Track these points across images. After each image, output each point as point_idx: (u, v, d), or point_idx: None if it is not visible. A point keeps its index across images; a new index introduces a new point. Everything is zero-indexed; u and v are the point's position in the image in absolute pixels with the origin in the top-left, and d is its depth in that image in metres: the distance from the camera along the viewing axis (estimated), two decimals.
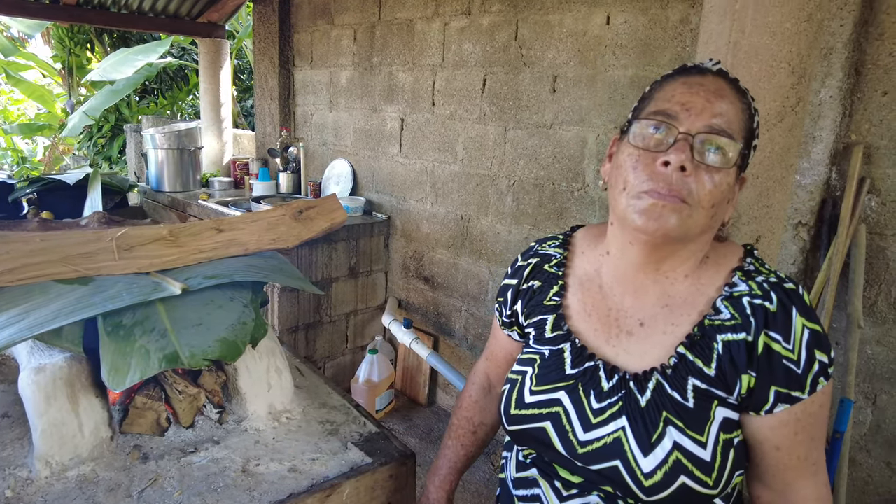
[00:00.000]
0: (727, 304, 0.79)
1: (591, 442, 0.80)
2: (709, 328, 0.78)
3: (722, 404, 0.78)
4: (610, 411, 0.80)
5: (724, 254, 0.84)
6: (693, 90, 0.76)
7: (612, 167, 0.84)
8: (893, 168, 1.67)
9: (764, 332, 0.75)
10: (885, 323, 1.74)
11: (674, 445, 0.75)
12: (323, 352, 3.14)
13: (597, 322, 0.87)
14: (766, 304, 0.76)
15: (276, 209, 1.39)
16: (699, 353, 0.78)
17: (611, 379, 0.82)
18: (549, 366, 0.88)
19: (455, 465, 1.13)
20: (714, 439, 0.76)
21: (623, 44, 2.15)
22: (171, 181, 3.73)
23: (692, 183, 0.73)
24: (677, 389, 0.78)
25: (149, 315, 1.15)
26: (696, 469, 0.75)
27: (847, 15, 1.61)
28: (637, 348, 0.83)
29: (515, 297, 0.99)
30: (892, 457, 1.77)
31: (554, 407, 0.84)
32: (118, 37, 6.45)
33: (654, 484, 0.76)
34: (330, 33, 3.43)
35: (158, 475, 1.16)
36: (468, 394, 1.15)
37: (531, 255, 0.99)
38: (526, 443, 0.90)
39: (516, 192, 2.60)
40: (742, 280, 0.80)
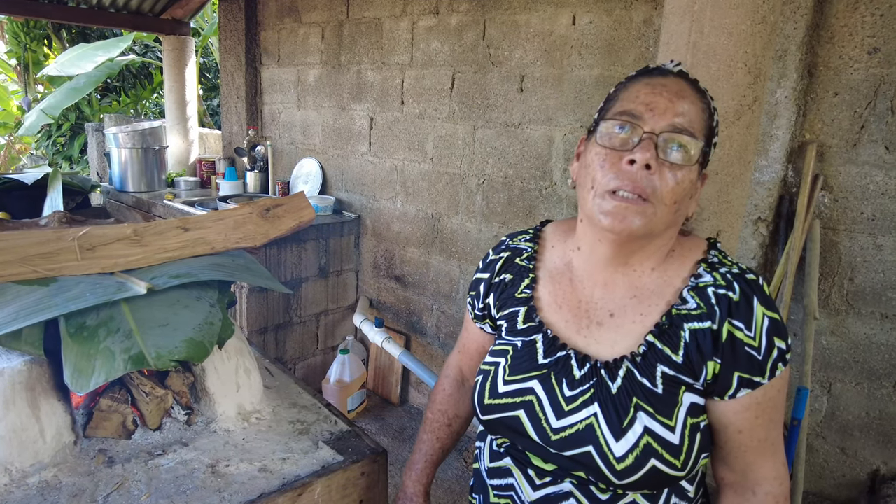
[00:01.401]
0: (693, 295, 0.82)
1: (563, 429, 0.83)
2: (676, 317, 0.82)
3: (689, 390, 0.81)
4: (582, 398, 0.83)
5: (689, 247, 0.88)
6: (656, 91, 0.79)
7: (580, 166, 0.87)
8: (844, 166, 1.74)
9: (728, 321, 0.79)
10: (838, 314, 1.82)
11: (644, 430, 0.78)
12: (293, 353, 3.11)
13: (567, 313, 0.90)
14: (729, 293, 0.80)
15: (242, 207, 1.37)
16: (667, 341, 0.81)
17: (582, 367, 0.85)
18: (521, 356, 0.90)
19: (431, 458, 1.15)
20: (682, 423, 0.79)
21: (588, 44, 2.19)
22: (135, 181, 3.65)
23: (656, 180, 0.76)
24: (647, 376, 0.81)
25: (113, 316, 1.13)
26: (665, 452, 0.78)
27: (800, 19, 1.67)
28: (608, 338, 0.86)
29: (487, 290, 1.01)
30: (846, 442, 1.85)
31: (527, 396, 0.86)
32: (77, 32, 6.26)
33: (626, 467, 0.78)
34: (297, 31, 3.40)
35: (125, 479, 1.13)
36: (442, 387, 1.16)
37: (502, 250, 1.01)
38: (500, 432, 0.91)
39: (486, 190, 2.62)
40: (707, 271, 0.83)
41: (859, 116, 1.70)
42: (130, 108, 6.75)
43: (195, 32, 6.25)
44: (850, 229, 1.77)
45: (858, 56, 1.67)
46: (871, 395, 1.79)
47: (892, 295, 1.72)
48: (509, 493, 0.94)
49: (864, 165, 1.71)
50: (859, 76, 1.68)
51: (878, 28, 1.63)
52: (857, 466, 1.84)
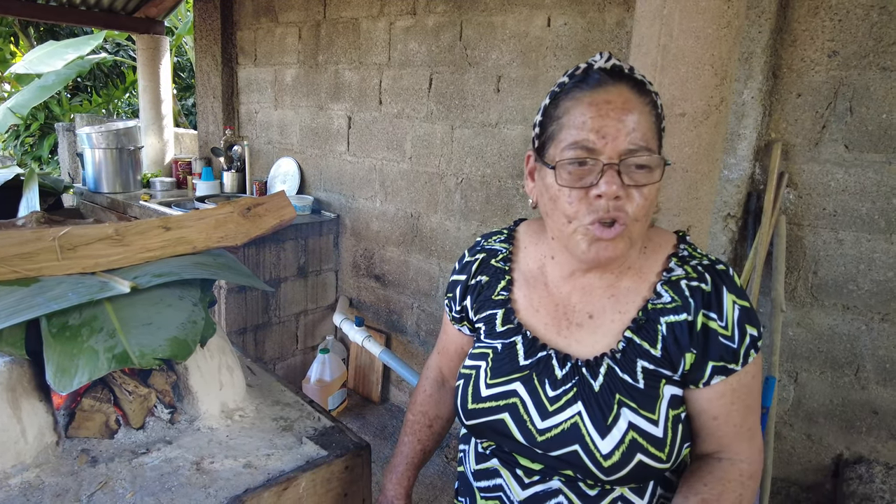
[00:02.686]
0: (667, 288, 0.83)
1: (549, 429, 0.83)
2: (652, 312, 0.83)
3: (669, 382, 0.82)
4: (565, 398, 0.83)
5: (659, 242, 0.89)
6: (602, 112, 0.76)
7: (539, 192, 0.85)
8: (808, 164, 1.81)
9: (702, 312, 0.81)
10: (804, 306, 1.89)
11: (629, 425, 0.79)
12: (272, 353, 3.11)
13: (546, 317, 0.91)
14: (702, 285, 0.82)
15: (223, 206, 1.38)
16: (645, 336, 0.83)
17: (563, 367, 0.85)
18: (502, 359, 0.90)
19: (412, 460, 1.14)
20: (665, 416, 0.81)
21: (563, 45, 2.24)
22: (109, 182, 3.60)
23: (626, 205, 0.77)
24: (627, 372, 0.82)
25: (96, 315, 1.13)
26: (650, 446, 0.79)
27: (764, 23, 1.74)
28: (588, 338, 0.87)
29: (464, 292, 1.01)
30: (812, 429, 1.93)
31: (511, 398, 0.87)
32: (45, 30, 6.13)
33: (613, 464, 0.79)
34: (274, 31, 3.39)
35: (109, 478, 1.14)
36: (422, 388, 1.16)
37: (478, 251, 1.02)
38: (485, 436, 0.91)
39: (464, 189, 2.66)
40: (678, 265, 0.85)
41: (820, 117, 1.77)
42: (102, 107, 6.63)
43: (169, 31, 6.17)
44: (813, 225, 1.84)
45: (819, 59, 1.75)
46: (834, 383, 1.87)
47: (853, 287, 1.80)
48: (497, 494, 0.94)
49: (825, 163, 1.79)
50: (820, 78, 1.75)
51: (836, 32, 1.71)
52: (822, 452, 1.92)
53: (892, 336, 1.76)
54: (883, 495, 1.72)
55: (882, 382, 1.80)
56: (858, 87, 1.71)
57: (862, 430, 1.85)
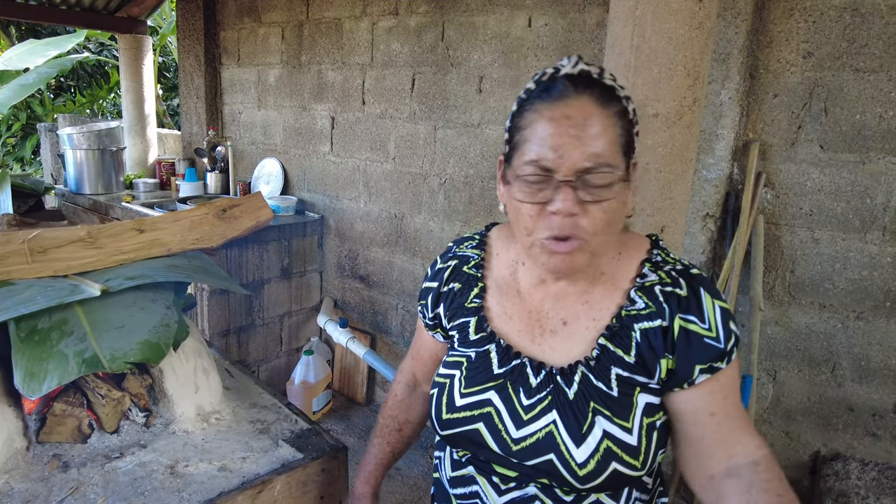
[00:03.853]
0: (641, 294, 0.83)
1: (524, 438, 0.83)
2: (626, 318, 0.83)
3: (644, 390, 0.82)
4: (540, 406, 0.83)
5: (632, 247, 0.89)
6: (561, 128, 0.74)
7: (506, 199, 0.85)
8: (784, 164, 1.83)
9: (678, 317, 0.80)
10: (781, 305, 1.91)
11: (603, 434, 0.79)
12: (256, 355, 3.09)
13: (519, 324, 0.90)
14: (676, 290, 0.81)
15: (199, 208, 1.37)
16: (619, 343, 0.82)
17: (538, 375, 0.85)
18: (476, 367, 0.90)
19: (381, 461, 1.14)
20: (639, 424, 0.80)
21: (544, 46, 2.25)
22: (91, 183, 3.56)
23: (583, 221, 0.76)
24: (602, 380, 0.82)
25: (67, 319, 1.12)
26: (625, 455, 0.79)
27: (740, 24, 1.76)
28: (562, 345, 0.86)
29: (437, 300, 1.00)
30: (790, 427, 1.95)
31: (485, 407, 0.86)
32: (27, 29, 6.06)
33: (588, 473, 0.79)
34: (257, 31, 3.38)
35: (80, 483, 1.13)
36: (394, 393, 1.16)
37: (449, 258, 1.01)
38: (460, 445, 0.91)
39: (447, 189, 2.66)
40: (652, 271, 0.85)
41: (796, 117, 1.79)
42: (87, 107, 6.56)
43: (153, 31, 6.13)
44: (790, 224, 1.86)
45: (794, 60, 1.76)
46: (811, 381, 1.89)
47: (829, 286, 1.82)
48: (474, 501, 0.93)
49: (801, 163, 1.81)
50: (796, 79, 1.77)
51: (811, 34, 1.72)
52: (800, 449, 1.94)
53: (866, 334, 1.79)
54: (858, 491, 1.74)
55: (857, 380, 1.82)
56: (832, 88, 1.73)
57: (838, 427, 1.87)
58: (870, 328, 1.78)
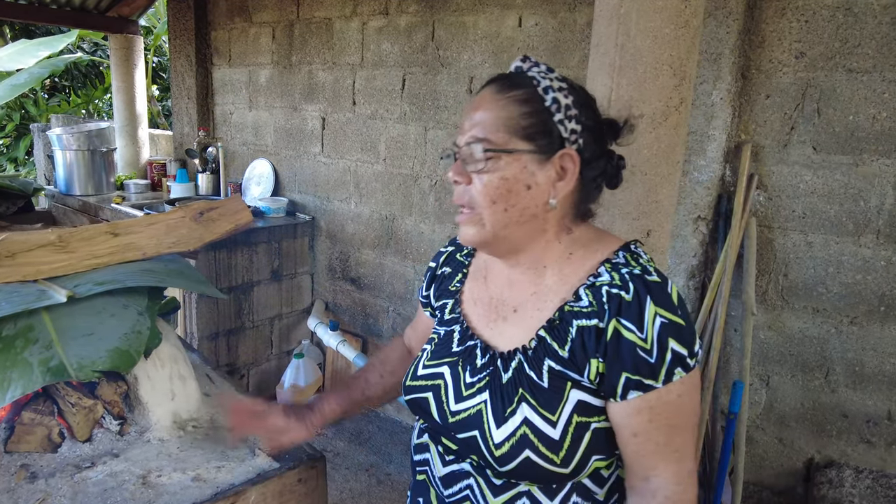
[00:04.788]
0: (588, 293, 0.82)
1: (458, 413, 0.88)
2: (567, 313, 0.83)
3: (577, 387, 0.81)
4: (478, 385, 0.88)
5: (596, 248, 0.87)
6: (467, 111, 0.87)
7: None
8: (777, 165, 1.80)
9: (615, 319, 0.78)
10: (774, 309, 1.88)
11: (523, 421, 0.81)
12: (246, 358, 3.06)
13: (481, 309, 0.96)
14: (622, 293, 0.79)
15: (175, 211, 1.34)
16: (556, 337, 0.83)
17: (484, 356, 0.90)
18: (441, 344, 0.97)
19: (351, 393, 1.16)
20: (566, 420, 0.80)
21: (535, 45, 2.22)
22: (81, 184, 3.53)
23: (470, 189, 0.84)
24: (534, 369, 0.84)
25: (33, 326, 1.09)
26: (541, 445, 0.80)
27: (732, 23, 1.72)
28: (509, 331, 0.90)
29: (431, 280, 1.09)
30: (783, 433, 1.91)
31: (437, 380, 0.93)
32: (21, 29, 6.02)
33: (503, 455, 0.81)
34: (248, 31, 3.35)
35: (48, 494, 1.09)
36: (393, 346, 1.25)
37: (451, 244, 1.10)
38: (416, 412, 0.98)
39: (438, 191, 2.63)
40: (607, 271, 0.83)
41: (789, 118, 1.76)
42: (82, 108, 6.53)
43: (147, 31, 6.09)
44: (783, 227, 1.83)
45: (787, 60, 1.73)
46: (805, 386, 1.86)
47: (822, 290, 1.79)
48: (425, 468, 1.00)
49: (794, 165, 1.78)
50: (788, 79, 1.74)
51: (803, 33, 1.69)
52: (793, 455, 1.91)
53: (860, 339, 1.76)
54: (853, 499, 1.71)
55: (851, 386, 1.79)
56: (825, 89, 1.70)
57: (832, 433, 1.84)
58: (864, 333, 1.75)
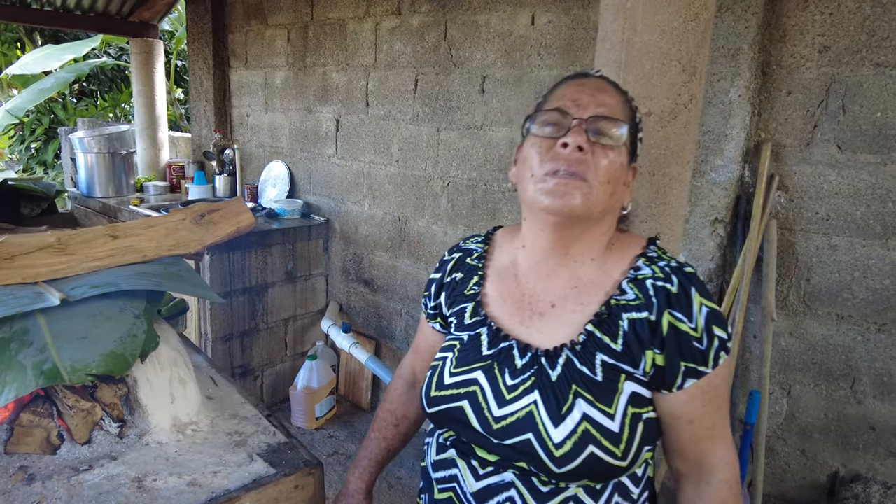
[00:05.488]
0: (632, 286, 0.84)
1: (504, 417, 0.84)
2: (615, 307, 0.84)
3: (630, 379, 0.82)
4: (523, 387, 0.84)
5: (628, 242, 0.91)
6: (580, 89, 0.86)
7: (518, 165, 0.91)
8: (799, 165, 1.72)
9: (667, 312, 0.81)
10: (796, 315, 1.80)
11: (583, 416, 0.79)
12: (260, 359, 3.06)
13: (511, 307, 0.93)
14: (667, 285, 0.82)
15: (175, 213, 1.33)
16: (606, 330, 0.83)
17: (524, 356, 0.86)
18: (467, 349, 0.92)
19: (376, 457, 1.15)
20: (622, 412, 0.80)
21: (548, 44, 2.17)
22: (102, 186, 3.59)
23: (590, 159, 0.80)
24: (586, 364, 0.82)
25: (28, 328, 1.09)
26: (604, 439, 0.78)
27: (751, 17, 1.66)
28: (549, 328, 0.88)
29: (439, 289, 1.05)
30: (805, 444, 1.83)
31: (471, 386, 0.88)
32: (50, 35, 6.17)
33: (565, 454, 0.78)
34: (264, 33, 3.36)
35: (43, 497, 1.09)
36: (394, 387, 1.18)
37: (455, 251, 1.07)
38: (445, 424, 0.92)
39: (450, 193, 2.59)
40: (645, 264, 0.86)
41: (812, 115, 1.68)
42: (109, 112, 6.66)
43: (170, 35, 6.19)
44: (805, 230, 1.75)
45: (810, 55, 1.66)
46: (829, 396, 1.78)
47: (847, 296, 1.71)
48: (452, 485, 0.94)
49: (817, 165, 1.70)
50: (811, 75, 1.67)
51: (827, 26, 1.62)
52: (816, 469, 1.83)
53: (889, 347, 1.67)
54: None
55: (879, 397, 1.70)
56: (851, 85, 1.62)
57: (859, 446, 1.75)
58: (892, 341, 1.66)
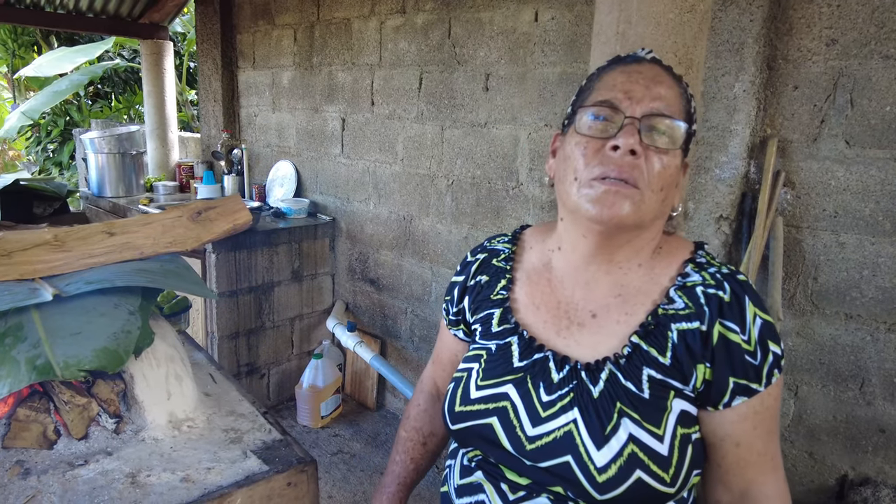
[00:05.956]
0: (681, 294, 0.77)
1: (540, 437, 0.76)
2: (663, 317, 0.77)
3: (679, 396, 0.75)
4: (560, 403, 0.76)
5: (676, 246, 0.84)
6: (632, 78, 0.76)
7: (558, 161, 0.83)
8: (806, 161, 1.69)
9: (719, 322, 0.74)
10: (803, 315, 1.76)
11: (629, 437, 0.72)
12: (266, 358, 3.08)
13: (546, 314, 0.85)
14: (719, 293, 0.75)
15: (172, 210, 1.34)
16: (653, 343, 0.76)
17: (561, 370, 0.79)
18: (496, 360, 0.84)
19: (404, 480, 1.06)
20: (671, 433, 0.73)
21: (551, 41, 2.15)
22: (112, 186, 3.62)
23: (642, 165, 0.73)
24: (631, 379, 0.75)
25: (22, 324, 1.10)
26: (652, 463, 0.71)
27: (756, 10, 1.63)
28: (589, 339, 0.80)
29: (462, 293, 0.96)
30: (814, 447, 1.79)
31: (501, 401, 0.80)
32: (66, 38, 6.26)
33: (608, 479, 0.71)
34: (271, 34, 3.38)
35: (38, 491, 1.10)
36: (416, 402, 1.09)
37: (479, 251, 0.98)
38: (471, 442, 0.84)
39: (455, 191, 2.58)
40: (695, 271, 0.79)
41: (819, 110, 1.65)
42: (123, 113, 6.74)
43: (182, 36, 6.25)
44: (812, 227, 1.71)
45: (817, 48, 1.62)
46: (837, 397, 1.74)
47: (856, 294, 1.67)
48: None
49: (824, 161, 1.66)
50: (818, 69, 1.63)
51: (835, 19, 1.58)
52: (825, 471, 1.79)
53: None
54: None
55: (889, 398, 1.66)
56: (859, 78, 1.58)
57: (868, 449, 1.71)
58: None
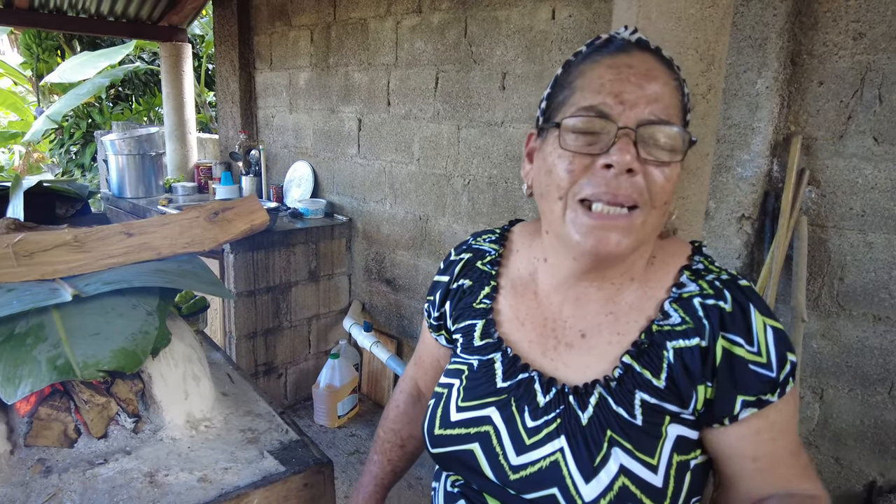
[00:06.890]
0: (676, 307, 0.71)
1: (524, 466, 0.71)
2: (657, 334, 0.70)
3: (675, 420, 0.69)
4: (546, 430, 0.71)
5: (671, 252, 0.76)
6: (622, 75, 0.65)
7: (536, 170, 0.74)
8: (831, 159, 1.65)
9: (721, 336, 0.67)
10: (829, 316, 1.72)
11: (620, 469, 0.66)
12: (284, 357, 3.09)
13: (531, 332, 0.78)
14: (720, 303, 0.68)
15: (189, 211, 1.34)
16: (647, 364, 0.70)
17: (547, 392, 0.73)
18: (478, 378, 0.78)
19: (382, 481, 1.04)
20: (667, 462, 0.67)
21: (569, 38, 2.13)
22: (132, 187, 3.67)
23: (641, 182, 0.64)
24: (623, 405, 0.69)
25: (43, 324, 1.11)
26: (644, 496, 0.65)
27: (779, 4, 1.59)
28: (578, 361, 0.74)
29: (444, 296, 0.89)
30: (840, 452, 1.75)
31: (483, 426, 0.75)
32: (88, 42, 6.37)
33: None
34: (288, 35, 3.39)
35: (59, 489, 1.11)
36: (395, 403, 1.05)
37: (464, 250, 0.90)
38: (452, 467, 0.79)
39: (471, 191, 2.57)
40: (691, 280, 0.72)
41: (846, 106, 1.60)
42: (144, 115, 6.84)
43: (201, 38, 6.32)
44: (838, 226, 1.67)
45: (843, 42, 1.58)
46: (865, 401, 1.69)
47: (884, 295, 1.62)
48: None
49: (851, 158, 1.62)
50: (845, 64, 1.59)
51: (862, 12, 1.54)
52: (852, 478, 1.74)
53: None
54: None
55: None
56: (888, 73, 1.54)
57: None
58: None
